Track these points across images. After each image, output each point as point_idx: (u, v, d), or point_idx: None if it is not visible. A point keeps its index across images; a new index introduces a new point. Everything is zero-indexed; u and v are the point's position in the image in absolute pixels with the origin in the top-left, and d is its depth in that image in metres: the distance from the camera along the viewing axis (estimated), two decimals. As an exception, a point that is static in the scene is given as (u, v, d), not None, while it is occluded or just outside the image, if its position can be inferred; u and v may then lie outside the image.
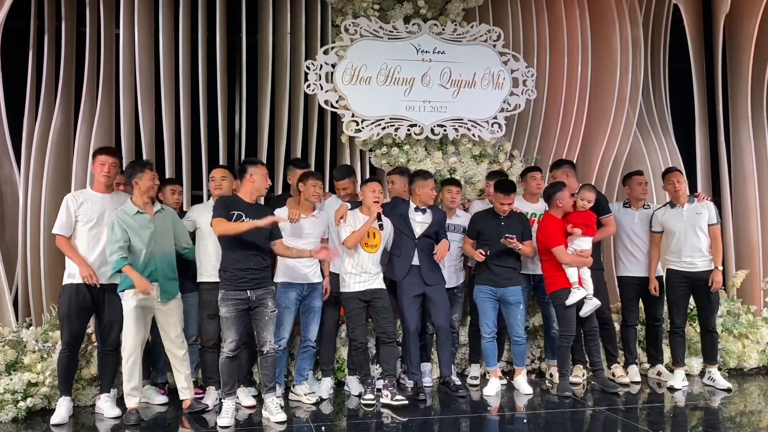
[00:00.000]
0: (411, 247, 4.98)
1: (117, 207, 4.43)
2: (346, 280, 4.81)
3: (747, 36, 6.51)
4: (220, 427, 4.23)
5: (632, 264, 5.52)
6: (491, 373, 5.14)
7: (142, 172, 4.37)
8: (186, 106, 5.61)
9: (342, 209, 4.87)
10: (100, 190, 4.52)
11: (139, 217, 4.33)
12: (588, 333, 5.19)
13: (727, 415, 4.78)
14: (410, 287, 4.95)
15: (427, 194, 5.04)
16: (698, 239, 5.22)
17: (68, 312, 4.37)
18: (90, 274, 4.36)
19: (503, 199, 5.01)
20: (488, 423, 4.59)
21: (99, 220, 4.44)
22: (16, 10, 5.19)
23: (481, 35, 6.04)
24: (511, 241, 4.91)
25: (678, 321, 5.35)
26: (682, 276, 5.28)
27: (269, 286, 4.41)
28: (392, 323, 4.84)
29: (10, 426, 4.29)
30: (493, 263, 5.02)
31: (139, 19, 5.44)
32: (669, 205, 5.40)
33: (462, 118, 5.95)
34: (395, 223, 4.98)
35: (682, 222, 5.25)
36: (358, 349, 4.83)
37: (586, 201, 5.09)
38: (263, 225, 4.26)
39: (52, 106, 5.45)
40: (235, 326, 4.29)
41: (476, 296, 5.12)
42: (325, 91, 5.72)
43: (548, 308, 5.36)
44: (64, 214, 4.42)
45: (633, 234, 5.52)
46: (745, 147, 6.66)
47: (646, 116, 6.66)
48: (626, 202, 5.61)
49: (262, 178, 4.40)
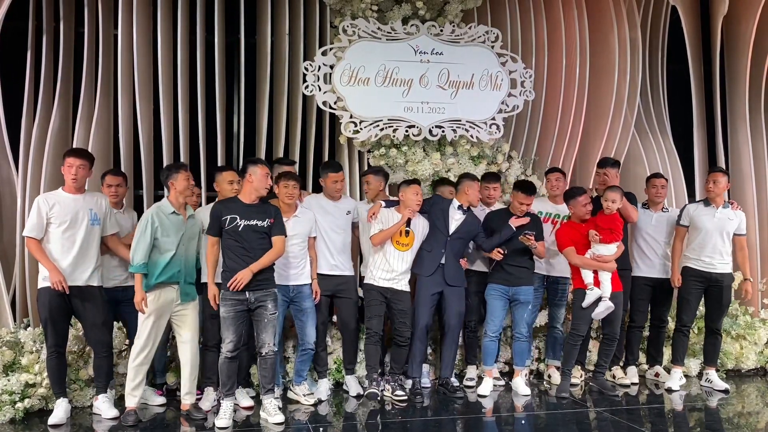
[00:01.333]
0: (442, 245, 5.00)
1: (91, 208, 4.39)
2: (372, 272, 4.89)
3: (745, 37, 6.51)
4: (218, 428, 4.23)
5: (646, 265, 5.51)
6: (486, 372, 5.15)
7: (177, 173, 4.37)
8: (184, 107, 5.60)
9: (376, 207, 4.93)
10: (71, 191, 4.41)
11: (173, 217, 4.34)
12: (606, 336, 5.18)
13: (725, 416, 4.78)
14: (431, 285, 4.98)
15: (475, 194, 5.09)
16: (723, 243, 5.25)
17: (49, 315, 4.28)
18: (59, 280, 4.19)
19: (524, 199, 5.04)
20: (486, 424, 4.59)
21: (72, 221, 4.33)
22: (14, 10, 5.18)
23: (479, 36, 6.04)
24: (530, 239, 4.93)
25: (686, 319, 5.35)
26: (698, 275, 5.28)
27: (270, 289, 4.39)
28: (409, 327, 4.90)
29: (7, 427, 4.29)
30: (507, 263, 5.03)
31: (137, 19, 5.43)
32: (703, 202, 5.39)
33: (460, 119, 5.95)
34: (433, 218, 5.01)
35: (713, 222, 5.25)
36: (371, 338, 4.88)
37: (610, 202, 5.02)
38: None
39: (50, 106, 5.44)
40: (233, 326, 4.29)
41: (488, 294, 5.14)
42: (323, 92, 5.72)
43: (556, 310, 5.39)
44: (35, 216, 4.29)
45: (648, 235, 5.51)
46: (742, 148, 6.67)
47: (644, 117, 6.67)
48: (645, 203, 5.61)
49: (261, 178, 4.37)
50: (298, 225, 4.77)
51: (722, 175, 5.33)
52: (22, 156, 5.33)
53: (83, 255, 4.35)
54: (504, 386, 5.28)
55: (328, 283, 4.96)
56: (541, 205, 5.46)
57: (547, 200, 5.57)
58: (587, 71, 6.35)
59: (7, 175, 5.41)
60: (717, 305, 5.31)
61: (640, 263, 5.55)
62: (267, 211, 4.39)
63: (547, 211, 5.44)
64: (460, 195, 5.10)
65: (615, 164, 5.65)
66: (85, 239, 4.36)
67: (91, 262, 4.40)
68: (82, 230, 4.35)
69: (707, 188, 5.36)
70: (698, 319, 5.70)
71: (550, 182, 5.52)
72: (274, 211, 4.44)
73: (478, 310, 5.36)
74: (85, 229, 4.36)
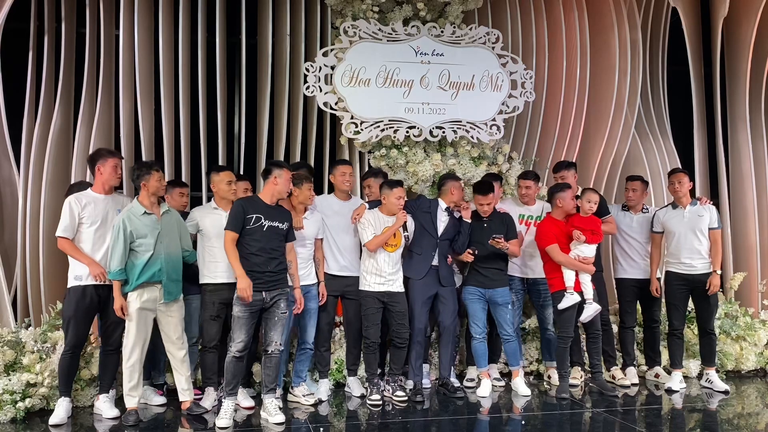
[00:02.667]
0: (432, 247, 5.00)
1: (119, 208, 4.43)
2: (366, 279, 4.87)
3: (745, 39, 6.53)
4: (218, 427, 4.23)
5: (630, 266, 5.53)
6: (482, 374, 5.16)
7: (149, 174, 4.37)
8: (185, 108, 5.62)
9: (360, 209, 4.91)
10: (101, 191, 4.47)
11: (146, 217, 4.34)
12: (590, 335, 5.22)
13: (725, 417, 4.78)
14: (425, 288, 4.98)
15: (459, 195, 5.10)
16: (698, 241, 5.23)
17: (75, 314, 4.34)
18: (101, 272, 4.33)
19: (481, 199, 5.06)
20: (486, 425, 4.60)
21: (103, 221, 4.41)
22: (15, 11, 5.20)
23: (479, 37, 6.06)
24: (499, 241, 4.93)
25: (676, 323, 5.36)
26: (680, 278, 5.29)
27: (284, 288, 4.42)
28: (407, 329, 4.90)
29: (8, 426, 4.29)
30: (480, 265, 5.04)
31: (138, 20, 5.45)
32: (671, 206, 5.40)
33: (461, 120, 5.96)
34: (421, 221, 5.01)
35: (683, 224, 5.26)
36: (369, 347, 4.87)
37: (593, 203, 5.04)
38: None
39: (51, 107, 5.46)
40: (246, 327, 4.31)
41: (465, 297, 5.15)
42: (324, 92, 5.73)
43: (543, 311, 5.37)
44: (68, 216, 4.36)
45: (630, 237, 5.53)
46: (743, 149, 6.67)
47: (645, 119, 6.68)
48: (624, 205, 5.62)
49: (285, 182, 4.43)
50: (307, 227, 4.80)
51: (684, 175, 5.35)
52: (24, 156, 5.35)
53: None
54: (504, 387, 5.28)
55: (337, 283, 4.97)
56: (510, 207, 5.41)
57: (518, 202, 5.52)
58: (588, 72, 6.37)
59: (8, 175, 5.43)
60: (705, 306, 5.30)
61: (624, 265, 5.55)
62: (285, 215, 4.46)
63: (519, 212, 5.42)
64: (445, 195, 5.09)
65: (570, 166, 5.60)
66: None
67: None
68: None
69: (673, 189, 5.35)
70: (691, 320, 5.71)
71: (520, 189, 5.47)
72: (288, 215, 4.50)
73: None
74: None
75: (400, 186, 4.92)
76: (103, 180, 4.45)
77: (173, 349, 4.47)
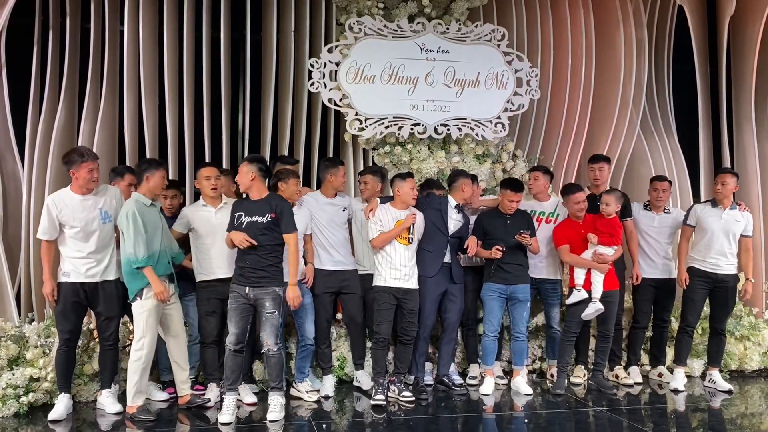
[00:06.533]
0: (444, 245, 4.99)
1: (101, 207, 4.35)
2: (381, 273, 4.82)
3: (752, 38, 6.49)
4: (221, 423, 4.24)
5: (648, 266, 5.49)
6: (486, 371, 5.15)
7: (156, 170, 4.37)
8: (189, 104, 5.62)
9: (373, 203, 4.88)
10: (79, 191, 4.34)
11: (152, 209, 4.35)
12: (601, 334, 5.21)
13: (728, 416, 4.78)
14: (437, 285, 4.97)
15: (470, 191, 5.10)
16: (729, 245, 5.23)
17: (63, 309, 4.35)
18: (49, 292, 4.36)
19: (512, 196, 5.05)
20: (487, 423, 4.59)
21: (84, 225, 4.31)
22: (20, 6, 5.20)
23: (485, 35, 6.03)
24: (526, 237, 4.94)
25: (690, 319, 5.34)
26: (703, 275, 5.27)
27: (268, 287, 4.34)
28: (416, 326, 4.88)
29: (11, 421, 4.30)
30: (504, 261, 5.02)
31: (143, 16, 5.45)
32: (711, 202, 5.37)
33: (465, 118, 5.94)
34: (431, 218, 4.98)
35: (719, 223, 5.23)
36: (378, 343, 4.82)
37: (604, 204, 5.05)
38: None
39: (56, 102, 5.46)
40: (235, 319, 4.33)
41: (485, 294, 5.12)
42: (328, 89, 5.72)
43: (550, 310, 5.38)
44: (46, 219, 4.29)
45: (649, 236, 5.49)
46: (748, 149, 6.64)
47: (650, 117, 6.65)
48: (647, 204, 5.59)
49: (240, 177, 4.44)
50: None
51: (731, 177, 5.30)
52: (28, 151, 5.35)
53: (98, 252, 4.37)
54: (506, 385, 5.27)
55: (333, 279, 4.96)
56: (526, 204, 5.40)
57: (528, 198, 5.51)
58: (593, 70, 6.34)
59: (12, 170, 5.43)
60: (722, 306, 5.29)
61: (643, 264, 5.51)
62: (268, 207, 4.36)
63: (532, 209, 5.41)
64: (456, 192, 5.09)
65: (607, 160, 5.62)
66: (99, 238, 4.37)
67: (106, 257, 4.41)
68: (94, 231, 4.34)
69: (715, 189, 5.34)
70: (702, 319, 5.68)
71: (530, 180, 5.52)
72: (277, 205, 4.38)
73: (474, 307, 5.36)
74: (97, 229, 4.35)
75: (411, 177, 4.93)
76: (79, 184, 4.33)
77: (173, 343, 4.49)
